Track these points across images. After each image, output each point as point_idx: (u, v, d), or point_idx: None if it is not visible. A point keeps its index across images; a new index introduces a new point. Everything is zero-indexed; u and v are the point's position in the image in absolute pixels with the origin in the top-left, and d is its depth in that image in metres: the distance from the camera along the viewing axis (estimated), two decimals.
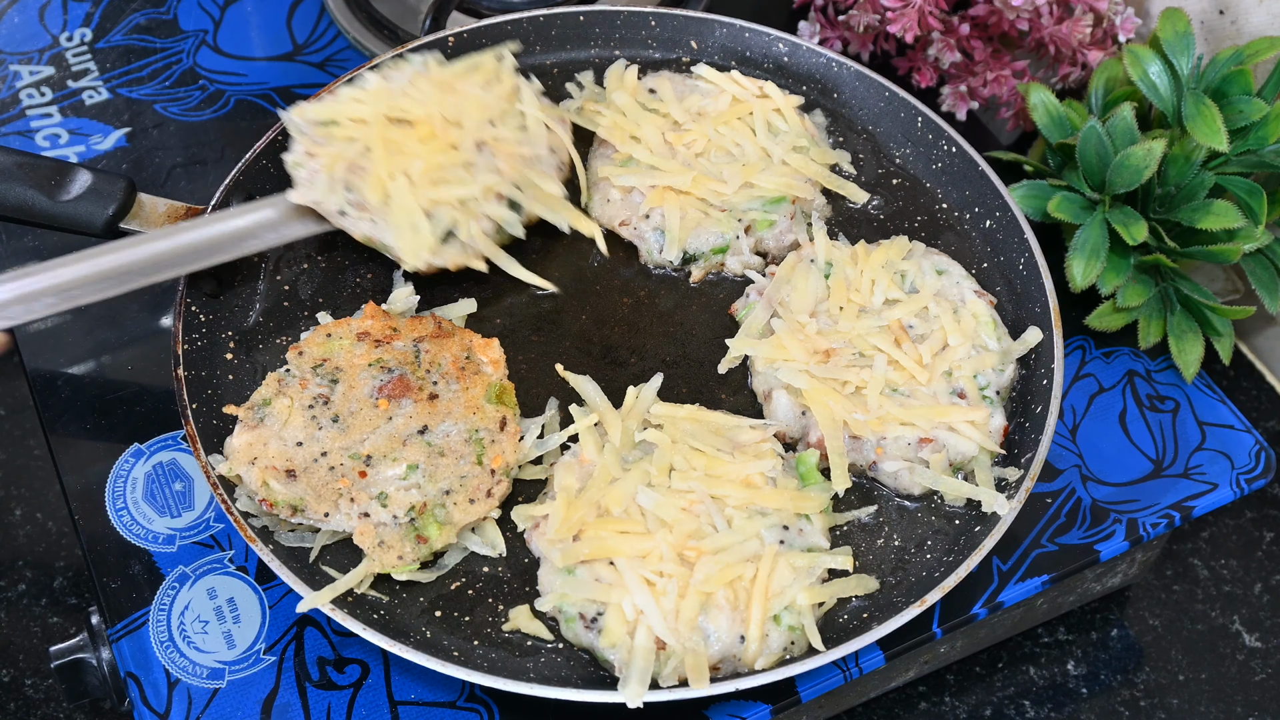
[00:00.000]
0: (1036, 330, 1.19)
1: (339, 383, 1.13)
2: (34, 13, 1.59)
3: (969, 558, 1.06)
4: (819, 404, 1.12)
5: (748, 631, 1.02)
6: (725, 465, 1.08)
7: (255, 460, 1.08)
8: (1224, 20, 1.37)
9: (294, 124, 1.21)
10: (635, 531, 1.04)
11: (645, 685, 0.99)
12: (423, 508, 1.07)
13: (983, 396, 1.14)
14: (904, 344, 1.16)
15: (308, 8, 1.61)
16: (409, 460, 1.09)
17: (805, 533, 1.07)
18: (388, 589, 1.08)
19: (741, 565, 1.03)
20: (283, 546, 1.09)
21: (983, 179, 1.29)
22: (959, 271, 1.22)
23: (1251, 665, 1.28)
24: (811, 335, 1.17)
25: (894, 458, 1.12)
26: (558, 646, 1.06)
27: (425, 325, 1.17)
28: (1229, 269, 1.40)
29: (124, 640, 1.12)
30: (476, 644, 1.06)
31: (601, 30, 1.42)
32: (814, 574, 1.05)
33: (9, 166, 1.20)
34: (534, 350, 1.22)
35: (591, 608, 1.03)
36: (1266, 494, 1.40)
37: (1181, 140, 1.25)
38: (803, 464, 1.11)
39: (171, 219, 1.23)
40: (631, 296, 1.26)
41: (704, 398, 1.19)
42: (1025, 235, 1.25)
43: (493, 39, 1.39)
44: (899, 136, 1.36)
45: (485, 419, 1.11)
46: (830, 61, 1.38)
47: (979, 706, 1.26)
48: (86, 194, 1.20)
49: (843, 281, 1.20)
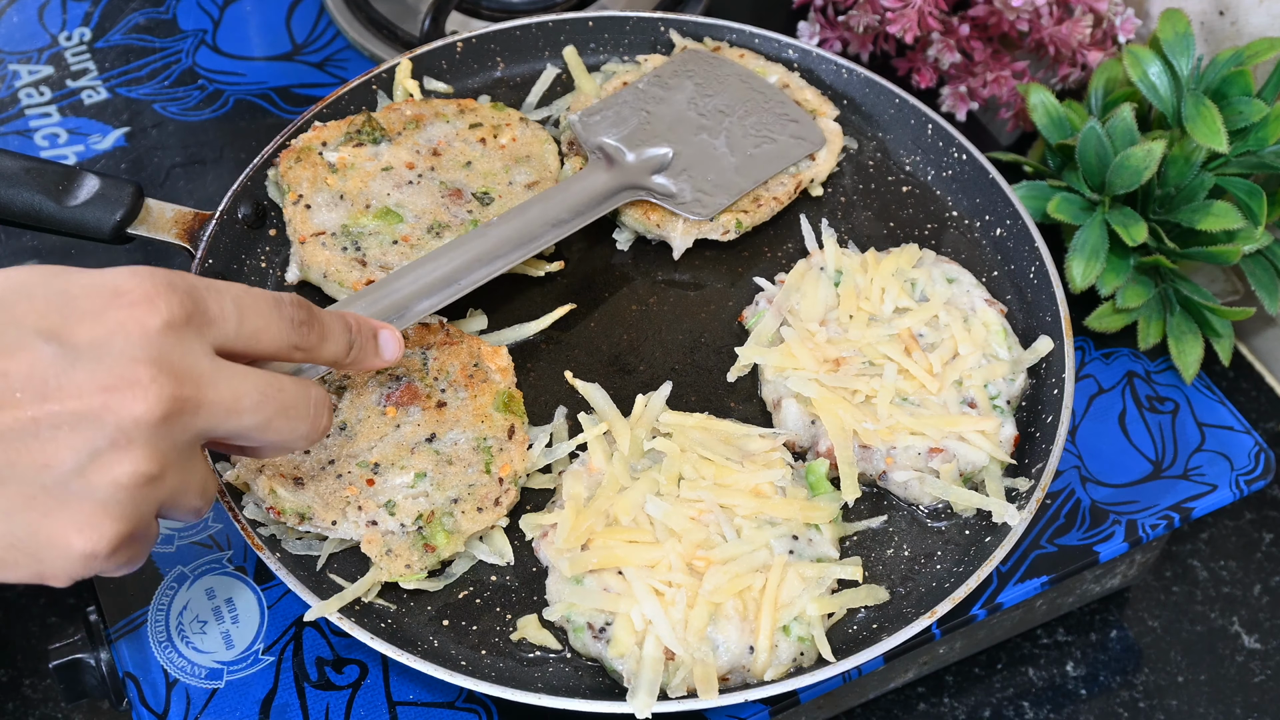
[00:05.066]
0: (1047, 339, 1.19)
1: (347, 390, 1.13)
2: (33, 12, 1.59)
3: (979, 568, 1.06)
4: (828, 413, 1.12)
5: (757, 642, 1.01)
6: (734, 474, 1.08)
7: (263, 468, 1.08)
8: (1224, 21, 1.37)
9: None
10: (644, 541, 1.04)
11: (654, 696, 0.99)
12: (430, 516, 1.06)
13: (993, 406, 1.14)
14: (914, 353, 1.15)
15: (307, 8, 1.61)
16: (417, 468, 1.08)
17: (815, 543, 1.07)
18: (395, 597, 1.08)
19: (750, 575, 1.03)
20: (290, 554, 1.08)
21: (993, 186, 1.28)
22: (969, 280, 1.21)
23: (1251, 667, 1.29)
24: (821, 344, 1.16)
25: (904, 467, 1.11)
26: (565, 656, 1.05)
27: (434, 333, 1.17)
28: (1229, 270, 1.40)
29: (122, 640, 1.12)
30: (484, 653, 1.06)
31: (611, 35, 1.41)
32: (823, 584, 1.05)
33: (16, 171, 1.20)
34: (542, 358, 1.22)
35: (600, 617, 1.02)
36: (1266, 495, 1.40)
37: (1181, 141, 1.25)
38: (812, 473, 1.11)
39: (180, 225, 1.22)
40: (640, 304, 1.26)
41: (713, 406, 1.18)
42: (1036, 243, 1.24)
43: (501, 44, 1.40)
44: (909, 143, 1.35)
45: (493, 427, 1.11)
46: (840, 68, 1.38)
47: (978, 708, 1.26)
48: (94, 199, 1.20)
49: (852, 289, 1.19)
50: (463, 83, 1.39)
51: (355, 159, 1.26)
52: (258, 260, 1.26)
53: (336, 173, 1.25)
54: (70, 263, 1.35)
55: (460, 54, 1.38)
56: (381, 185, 1.24)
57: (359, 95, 1.34)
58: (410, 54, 1.35)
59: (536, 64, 1.41)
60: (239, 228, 1.25)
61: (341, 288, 1.19)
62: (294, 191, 1.24)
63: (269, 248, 1.27)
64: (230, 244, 1.24)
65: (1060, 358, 1.18)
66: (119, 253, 1.37)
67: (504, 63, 1.40)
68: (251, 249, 1.26)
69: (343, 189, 1.24)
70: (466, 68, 1.39)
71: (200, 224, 1.23)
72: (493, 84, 1.40)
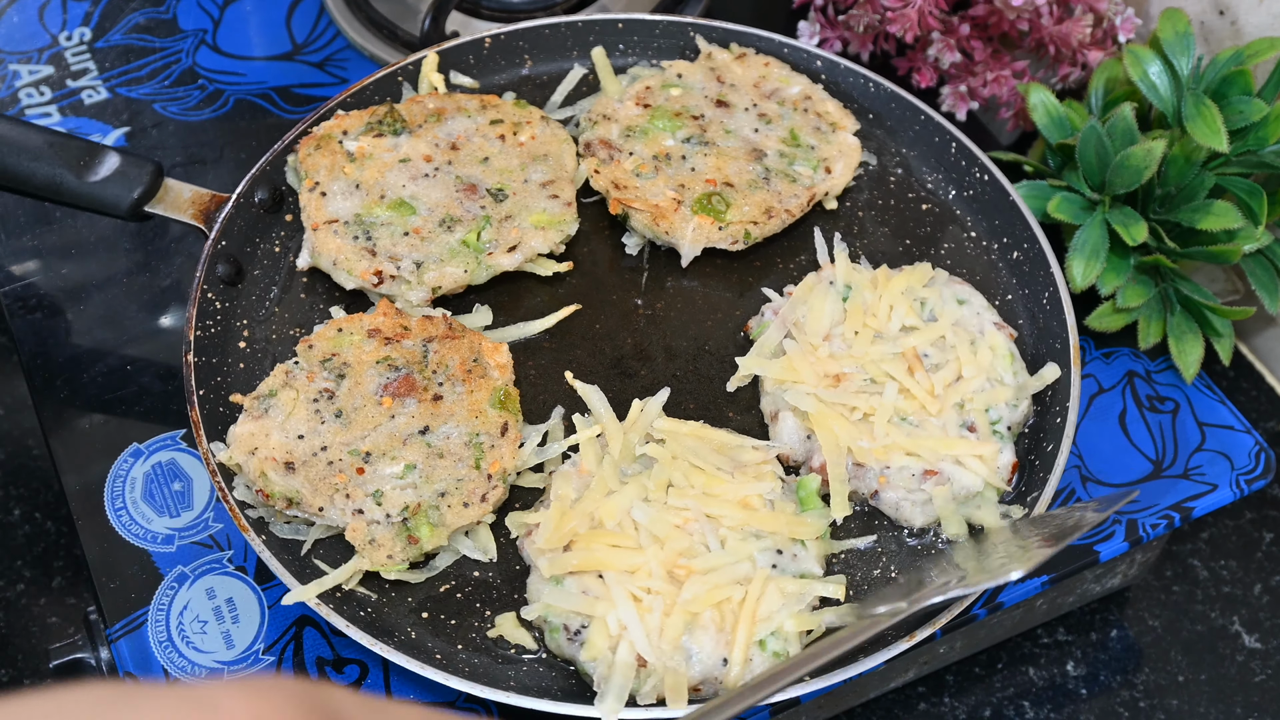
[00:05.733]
0: (1055, 367, 1.18)
1: (345, 378, 1.13)
2: (33, 12, 1.59)
3: (966, 594, 1.04)
4: (824, 428, 1.11)
5: (731, 655, 1.01)
6: (724, 485, 1.07)
7: (256, 450, 1.08)
8: (1224, 21, 1.37)
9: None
10: (626, 546, 1.04)
11: (622, 702, 0.99)
12: (416, 508, 1.07)
13: (994, 432, 1.13)
14: (917, 372, 1.14)
15: (307, 7, 1.61)
16: (407, 460, 1.09)
17: (799, 558, 1.06)
18: (377, 587, 1.08)
19: (731, 587, 1.02)
20: (276, 538, 1.09)
21: (1013, 209, 1.28)
22: (980, 302, 1.20)
23: (1251, 666, 1.28)
24: (823, 358, 1.15)
25: (897, 488, 1.11)
26: (541, 656, 1.06)
27: (436, 326, 1.17)
28: (1229, 269, 1.40)
29: (123, 640, 1.12)
30: (460, 648, 1.06)
31: (640, 38, 1.41)
32: (804, 600, 1.04)
33: (40, 145, 1.23)
34: (545, 356, 1.22)
35: (576, 620, 1.02)
36: (1266, 495, 1.40)
37: (1181, 140, 1.24)
38: (803, 489, 1.10)
39: (196, 205, 1.24)
40: (648, 308, 1.25)
41: (711, 415, 1.18)
42: (1051, 269, 1.23)
43: (530, 41, 1.40)
44: (932, 161, 1.35)
45: (487, 423, 1.11)
46: (868, 81, 1.37)
47: (978, 707, 1.26)
48: (114, 176, 1.23)
49: (860, 305, 1.18)
50: (489, 78, 1.40)
51: (374, 149, 1.27)
52: (271, 245, 1.27)
53: (354, 162, 1.26)
54: (71, 261, 1.35)
55: (488, 50, 1.38)
56: (397, 176, 1.25)
57: (384, 86, 1.35)
58: (438, 47, 1.36)
59: (564, 63, 1.41)
60: (255, 211, 1.26)
61: (350, 276, 1.20)
62: (311, 178, 1.25)
63: (284, 233, 1.27)
64: (245, 227, 1.25)
65: (1066, 386, 1.16)
66: (122, 242, 1.37)
67: (531, 61, 1.41)
68: (266, 233, 1.27)
69: (359, 178, 1.24)
70: (494, 64, 1.40)
71: (217, 206, 1.24)
72: (519, 81, 1.40)
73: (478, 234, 1.22)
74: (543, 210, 1.24)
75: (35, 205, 1.41)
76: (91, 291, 1.34)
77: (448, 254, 1.21)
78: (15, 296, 1.34)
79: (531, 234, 1.23)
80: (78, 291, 1.34)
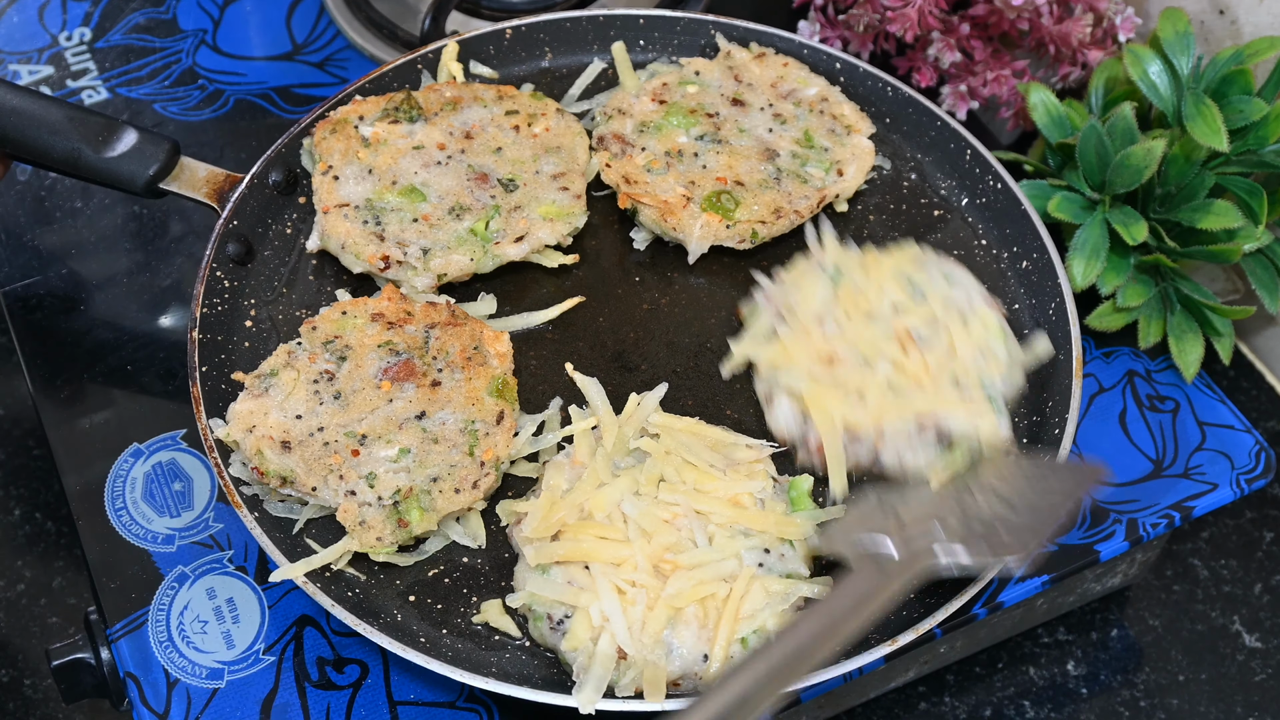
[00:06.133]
0: (1046, 340, 1.18)
1: (346, 360, 1.14)
2: (33, 12, 1.59)
3: (949, 602, 1.04)
4: (818, 407, 1.11)
5: (712, 651, 1.01)
6: (715, 481, 1.08)
7: (254, 428, 1.09)
8: (1224, 20, 1.37)
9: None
10: (614, 538, 1.04)
11: (599, 693, 0.99)
12: (408, 492, 1.07)
13: (988, 399, 1.13)
14: (910, 351, 1.15)
15: (307, 7, 1.61)
16: (402, 444, 1.09)
17: (786, 558, 1.06)
18: (366, 569, 1.08)
19: (715, 583, 1.02)
20: (269, 515, 1.09)
21: (1024, 218, 1.27)
22: (969, 279, 1.21)
23: (1251, 665, 1.28)
24: (816, 340, 1.15)
25: (895, 445, 1.11)
26: (524, 644, 1.06)
27: (439, 312, 1.17)
28: (1229, 269, 1.40)
29: (123, 640, 1.12)
30: (445, 633, 1.06)
31: (660, 34, 1.41)
32: (788, 600, 1.03)
33: (60, 119, 1.24)
34: (547, 347, 1.22)
35: (560, 609, 1.02)
36: (1266, 494, 1.39)
37: (1181, 140, 1.24)
38: (794, 488, 1.10)
39: (211, 184, 1.25)
40: (651, 303, 1.25)
41: (708, 411, 1.18)
42: (1059, 279, 1.23)
43: (551, 34, 1.40)
44: (946, 167, 1.34)
45: (483, 411, 1.11)
46: (886, 85, 1.37)
47: (979, 707, 1.26)
48: (131, 152, 1.24)
49: (851, 287, 1.19)
50: (509, 69, 1.40)
51: (389, 135, 1.27)
52: (284, 226, 1.27)
53: (369, 147, 1.26)
54: (71, 261, 1.35)
55: (509, 41, 1.39)
56: (410, 163, 1.26)
57: (403, 73, 1.35)
58: (459, 36, 1.37)
59: (584, 57, 1.41)
60: (269, 193, 1.27)
61: (357, 260, 1.20)
62: (324, 162, 1.25)
63: (296, 214, 1.28)
64: (258, 207, 1.26)
65: (1066, 399, 1.16)
66: (123, 243, 1.37)
67: (552, 53, 1.41)
68: (279, 214, 1.27)
69: (372, 164, 1.25)
70: (514, 55, 1.40)
71: (231, 185, 1.25)
72: (538, 73, 1.41)
73: (486, 223, 1.23)
74: (552, 202, 1.25)
75: (36, 205, 1.41)
76: (92, 291, 1.34)
77: (455, 242, 1.21)
78: (15, 296, 1.34)
79: (539, 225, 1.23)
80: (78, 291, 1.34)
